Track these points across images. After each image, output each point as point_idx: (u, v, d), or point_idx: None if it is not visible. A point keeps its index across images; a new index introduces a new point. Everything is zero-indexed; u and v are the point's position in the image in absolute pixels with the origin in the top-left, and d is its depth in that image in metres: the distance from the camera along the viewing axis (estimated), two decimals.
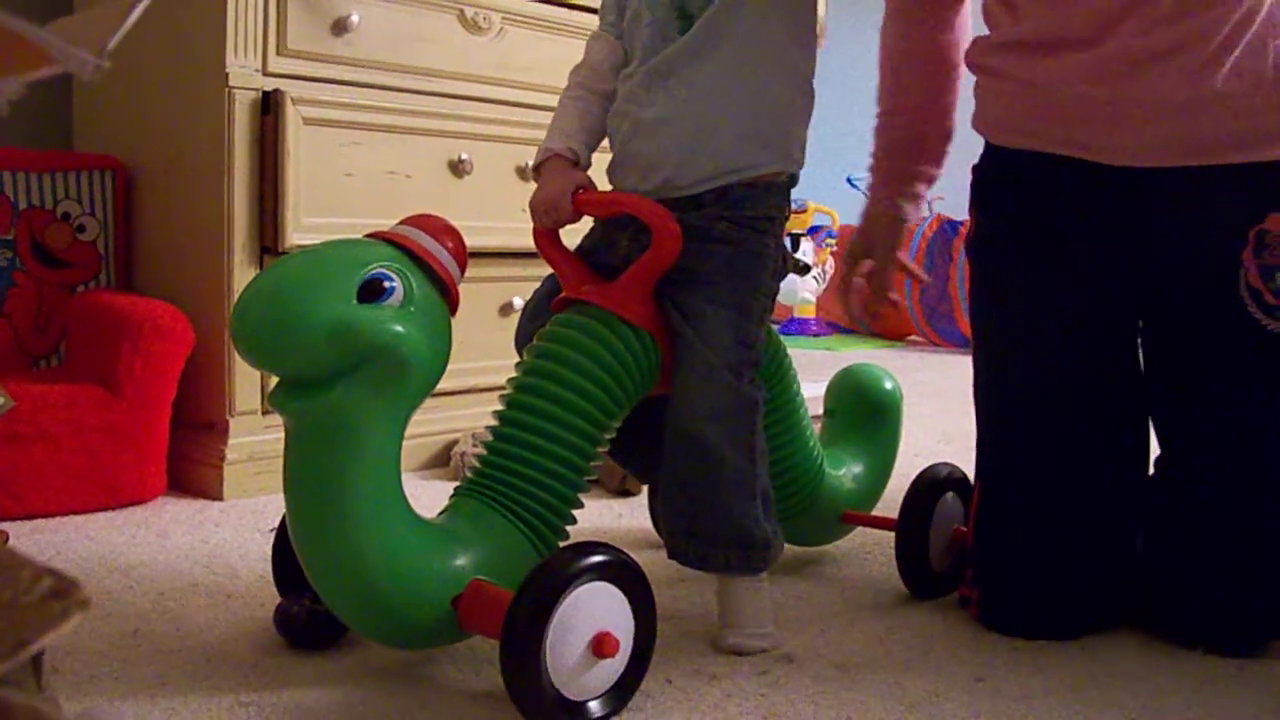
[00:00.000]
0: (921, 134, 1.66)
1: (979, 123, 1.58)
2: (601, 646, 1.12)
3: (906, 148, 1.66)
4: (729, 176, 1.34)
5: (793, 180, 1.41)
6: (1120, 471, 1.48)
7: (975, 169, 1.60)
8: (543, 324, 1.36)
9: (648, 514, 1.79)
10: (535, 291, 1.45)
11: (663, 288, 1.33)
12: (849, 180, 5.47)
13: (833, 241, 5.21)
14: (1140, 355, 1.51)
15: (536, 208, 1.37)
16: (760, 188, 1.36)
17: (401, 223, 1.20)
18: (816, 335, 5.30)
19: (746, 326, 1.33)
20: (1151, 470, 1.51)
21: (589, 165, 1.40)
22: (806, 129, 1.43)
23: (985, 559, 1.49)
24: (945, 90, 1.63)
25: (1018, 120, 1.51)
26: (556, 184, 1.36)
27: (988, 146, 1.58)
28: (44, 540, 1.70)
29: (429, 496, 1.45)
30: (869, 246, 1.67)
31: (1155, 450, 1.51)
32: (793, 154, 1.40)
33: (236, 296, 1.12)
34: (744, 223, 1.35)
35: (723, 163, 1.34)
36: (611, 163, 1.41)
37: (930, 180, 1.68)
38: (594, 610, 1.12)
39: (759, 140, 1.36)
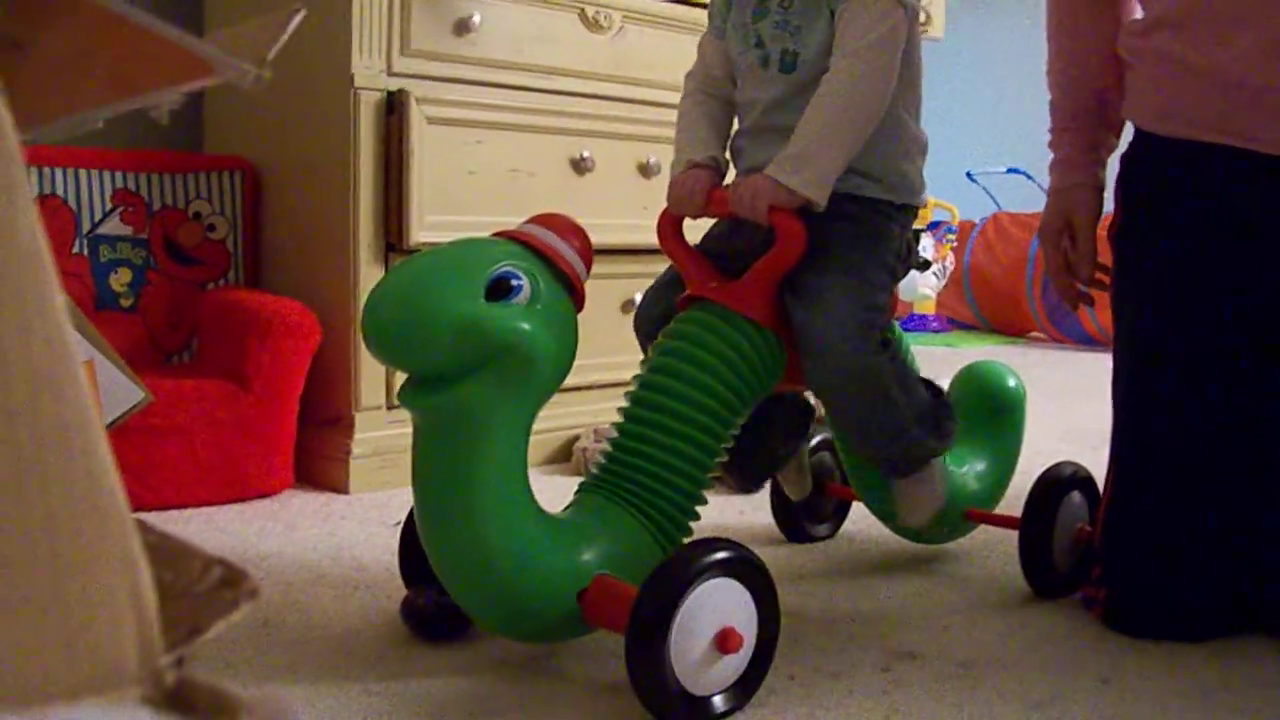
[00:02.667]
0: (1106, 99, 1.59)
1: (1129, 109, 1.54)
2: (725, 642, 1.12)
3: (1094, 114, 1.61)
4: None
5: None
6: (1257, 471, 1.44)
7: (1124, 158, 1.56)
8: (661, 310, 1.39)
9: (770, 510, 1.79)
10: (655, 281, 1.46)
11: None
12: (969, 175, 5.42)
13: (952, 237, 5.15)
14: None
15: (678, 186, 1.37)
16: None
17: (528, 221, 1.21)
18: (937, 331, 5.26)
19: (868, 292, 1.32)
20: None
21: (726, 169, 1.41)
22: (920, 163, 1.40)
23: (1116, 557, 1.46)
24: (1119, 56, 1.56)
25: (1173, 106, 1.46)
26: (702, 176, 1.36)
27: (1137, 133, 1.54)
28: (176, 531, 1.74)
29: (550, 492, 1.46)
30: (1070, 221, 1.61)
31: None
32: (897, 184, 1.37)
33: (363, 294, 1.14)
34: (869, 204, 1.35)
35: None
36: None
37: (1112, 151, 1.63)
38: (718, 606, 1.13)
39: (860, 172, 1.33)
